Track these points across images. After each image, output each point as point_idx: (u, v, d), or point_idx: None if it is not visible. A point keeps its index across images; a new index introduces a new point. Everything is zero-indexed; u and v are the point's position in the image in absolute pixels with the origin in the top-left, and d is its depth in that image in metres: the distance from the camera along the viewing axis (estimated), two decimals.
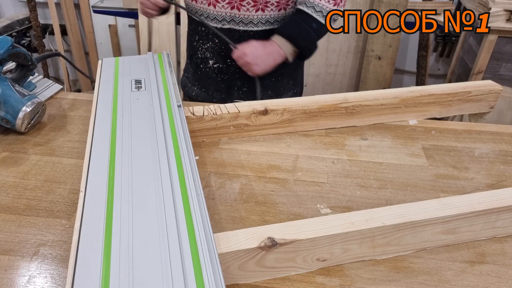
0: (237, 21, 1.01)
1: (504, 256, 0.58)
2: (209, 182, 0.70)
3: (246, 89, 1.12)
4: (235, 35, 1.02)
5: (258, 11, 1.00)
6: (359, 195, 0.68)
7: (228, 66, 1.08)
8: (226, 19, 1.01)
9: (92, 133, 0.66)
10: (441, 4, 2.07)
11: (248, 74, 1.03)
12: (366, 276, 0.54)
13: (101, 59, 0.92)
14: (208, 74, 1.12)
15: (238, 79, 1.10)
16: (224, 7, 0.99)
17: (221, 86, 1.12)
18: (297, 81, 1.20)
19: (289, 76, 1.15)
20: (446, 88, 0.87)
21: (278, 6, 1.01)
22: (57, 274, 0.54)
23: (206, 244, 0.45)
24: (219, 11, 1.00)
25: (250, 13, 1.00)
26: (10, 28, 2.47)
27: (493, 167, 0.76)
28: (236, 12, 1.00)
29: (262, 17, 1.01)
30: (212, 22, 1.03)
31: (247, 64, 0.98)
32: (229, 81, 1.11)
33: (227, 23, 1.02)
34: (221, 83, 1.11)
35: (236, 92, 1.12)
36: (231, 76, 1.10)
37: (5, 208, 0.64)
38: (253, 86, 1.10)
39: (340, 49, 2.19)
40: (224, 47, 1.05)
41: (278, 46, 0.98)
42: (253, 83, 1.09)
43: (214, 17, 1.02)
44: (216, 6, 1.00)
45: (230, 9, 0.99)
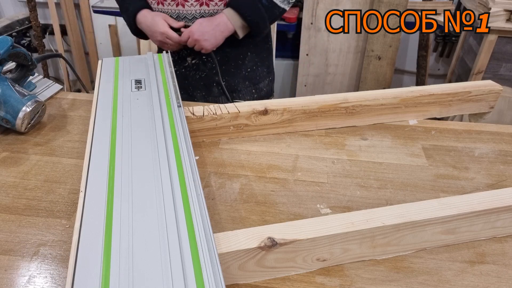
0: (190, 17, 1.03)
1: (504, 256, 0.58)
2: (209, 182, 0.70)
3: (225, 83, 1.13)
4: None
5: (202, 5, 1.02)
6: (359, 195, 0.68)
7: (204, 62, 1.09)
8: (196, 16, 1.03)
9: (92, 133, 0.66)
10: (441, 4, 2.08)
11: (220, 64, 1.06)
12: (366, 276, 0.54)
13: (101, 59, 0.92)
14: (186, 74, 1.13)
15: (215, 74, 1.11)
16: (194, 5, 1.01)
17: (200, 84, 1.13)
18: (270, 68, 1.22)
19: (263, 64, 1.17)
20: (446, 88, 0.87)
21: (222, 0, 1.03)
22: (57, 274, 0.54)
23: (206, 244, 0.45)
24: (189, 10, 1.02)
25: (219, 7, 1.02)
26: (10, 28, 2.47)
27: (493, 167, 0.76)
28: (205, 8, 1.02)
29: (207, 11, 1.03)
30: (183, 21, 1.04)
31: (196, 42, 0.99)
32: (208, 78, 1.12)
33: (181, 19, 1.04)
34: (200, 80, 1.12)
35: (215, 88, 1.13)
36: (208, 72, 1.11)
37: (5, 208, 0.64)
38: (231, 79, 1.13)
39: (340, 49, 2.19)
40: None
41: (226, 17, 1.00)
42: (230, 75, 1.12)
43: (185, 16, 1.04)
44: (185, 6, 1.02)
45: (199, 6, 1.01)
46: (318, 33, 2.15)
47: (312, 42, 2.18)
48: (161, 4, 1.04)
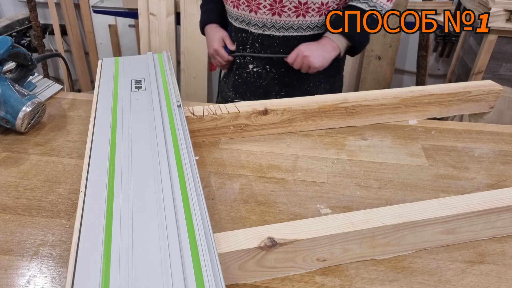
0: (277, 27, 1.02)
1: (504, 256, 0.58)
2: (209, 182, 0.70)
3: (284, 94, 1.12)
4: (275, 41, 1.03)
5: (299, 16, 1.00)
6: (359, 195, 0.68)
7: (267, 71, 1.09)
8: (266, 25, 1.02)
9: (92, 133, 0.66)
10: (441, 4, 2.07)
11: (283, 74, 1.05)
12: (366, 276, 0.54)
13: (101, 59, 0.92)
14: (246, 79, 1.12)
15: (276, 84, 1.10)
16: (266, 14, 1.00)
17: (259, 91, 1.12)
18: (335, 86, 1.18)
19: (327, 81, 1.14)
20: (446, 88, 0.87)
21: (319, 11, 1.01)
22: (57, 274, 0.54)
23: (206, 244, 0.45)
24: (260, 18, 1.01)
25: (291, 18, 1.00)
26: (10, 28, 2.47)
27: (493, 167, 0.76)
28: (277, 18, 1.00)
29: (302, 22, 1.01)
30: (253, 28, 1.04)
31: (304, 58, 0.98)
32: (267, 86, 1.11)
33: (267, 29, 1.02)
34: (259, 88, 1.11)
35: (274, 97, 1.11)
36: (270, 81, 1.10)
37: (5, 208, 0.64)
38: (290, 91, 1.11)
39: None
40: (264, 51, 1.06)
41: (331, 39, 0.99)
42: (291, 87, 1.11)
43: (255, 23, 1.03)
44: (257, 13, 1.01)
45: (271, 15, 1.00)
46: None
47: None
48: (235, 7, 1.04)
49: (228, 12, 1.10)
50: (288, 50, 1.03)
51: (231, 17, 1.09)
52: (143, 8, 2.06)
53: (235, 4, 1.03)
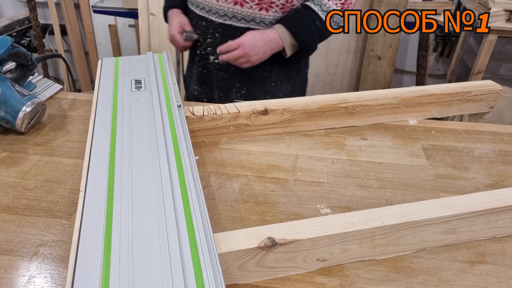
0: (239, 18, 1.00)
1: (504, 256, 0.58)
2: (209, 182, 0.70)
3: (245, 92, 1.11)
4: (236, 32, 1.02)
5: (261, 10, 0.99)
6: (359, 195, 0.68)
7: (228, 64, 1.07)
8: (228, 14, 1.00)
9: (92, 133, 0.66)
10: (441, 4, 2.08)
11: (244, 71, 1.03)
12: (366, 276, 0.54)
13: (101, 59, 0.92)
14: (210, 71, 1.11)
15: (237, 80, 1.09)
16: (227, 2, 0.99)
17: (220, 84, 1.11)
18: (295, 87, 1.18)
19: (288, 82, 1.14)
20: (446, 88, 0.87)
21: (283, 8, 1.00)
22: (57, 274, 0.54)
23: (206, 244, 0.45)
24: (222, 6, 1.00)
25: (253, 11, 0.99)
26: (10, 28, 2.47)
27: (493, 167, 0.76)
28: (238, 8, 0.99)
29: (265, 17, 1.00)
30: (214, 17, 1.02)
31: (244, 54, 0.97)
32: (228, 80, 1.10)
33: (228, 19, 1.01)
34: (221, 81, 1.11)
35: (234, 93, 1.12)
36: (230, 76, 1.09)
37: (5, 208, 0.64)
38: (252, 89, 1.10)
39: (340, 49, 2.19)
40: (225, 41, 1.03)
41: (278, 35, 0.98)
42: (252, 86, 1.09)
43: (216, 11, 1.01)
44: (218, 0, 0.99)
45: (233, 5, 0.99)
46: None
47: None
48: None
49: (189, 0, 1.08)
50: None
51: (192, 3, 1.07)
52: (143, 8, 2.06)
53: None
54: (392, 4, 1.96)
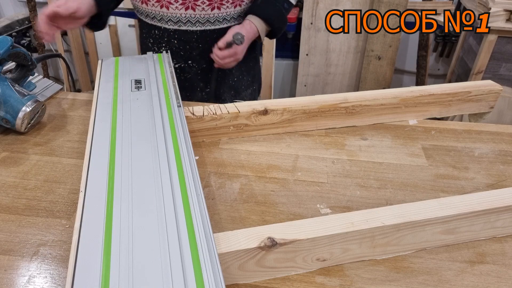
0: (193, 22, 1.00)
1: (504, 256, 0.58)
2: (209, 182, 0.70)
3: (209, 90, 1.11)
4: (193, 36, 1.02)
5: (214, 9, 0.99)
6: (359, 195, 0.68)
7: (190, 66, 1.07)
8: (182, 20, 1.00)
9: (92, 133, 0.66)
10: (441, 4, 2.08)
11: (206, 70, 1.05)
12: (366, 276, 0.54)
13: (101, 59, 0.92)
14: None
15: (200, 80, 1.09)
16: (178, 8, 0.98)
17: (184, 85, 1.11)
18: (255, 77, 1.20)
19: (248, 74, 1.16)
20: (446, 88, 0.87)
21: (233, 3, 1.00)
22: (57, 274, 0.54)
23: (206, 244, 0.45)
24: (174, 13, 0.99)
25: (206, 12, 0.99)
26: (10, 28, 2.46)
27: (493, 167, 0.76)
28: (191, 12, 0.98)
29: (218, 15, 1.00)
30: (167, 24, 1.01)
31: (235, 54, 0.97)
32: (191, 81, 1.10)
33: (183, 25, 1.00)
34: (185, 81, 1.10)
35: (199, 93, 1.12)
36: (193, 76, 1.09)
37: (5, 208, 0.64)
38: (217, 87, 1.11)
39: (340, 49, 2.19)
40: (183, 47, 1.04)
41: (255, 26, 1.00)
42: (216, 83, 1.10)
43: (169, 19, 1.00)
44: (169, 8, 0.98)
45: (184, 10, 0.98)
46: (318, 33, 2.15)
47: (312, 42, 2.18)
48: (144, 3, 1.01)
49: (136, 8, 1.06)
50: (207, 45, 1.01)
51: (141, 13, 1.05)
52: None
53: (143, 0, 1.00)
54: (392, 4, 1.96)
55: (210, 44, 1.01)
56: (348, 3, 2.04)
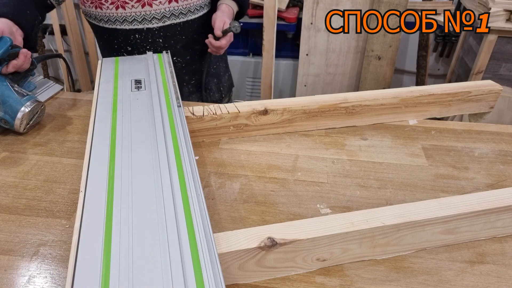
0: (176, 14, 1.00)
1: (504, 256, 0.58)
2: (209, 182, 0.70)
3: (194, 82, 1.13)
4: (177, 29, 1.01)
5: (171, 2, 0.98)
6: (359, 195, 0.68)
7: (175, 62, 1.06)
8: (166, 15, 0.99)
9: (92, 133, 0.66)
10: (441, 4, 2.08)
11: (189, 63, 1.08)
12: (366, 276, 0.54)
13: (101, 59, 0.92)
14: None
15: (185, 74, 1.10)
16: (162, 3, 0.96)
17: None
18: (226, 63, 1.25)
19: (222, 59, 1.21)
20: (446, 88, 0.87)
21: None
22: (57, 274, 0.54)
23: (206, 244, 0.45)
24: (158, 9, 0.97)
25: (188, 1, 1.00)
26: None
27: (493, 167, 0.76)
28: (174, 4, 0.98)
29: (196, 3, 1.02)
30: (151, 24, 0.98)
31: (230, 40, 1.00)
32: (178, 76, 1.06)
33: (167, 19, 0.99)
34: None
35: (185, 87, 1.12)
36: (178, 72, 1.07)
37: (5, 208, 0.64)
38: (199, 77, 1.13)
39: (340, 49, 2.19)
40: (168, 44, 1.02)
41: (232, 8, 1.05)
42: (199, 73, 1.12)
43: (153, 16, 0.98)
44: (152, 5, 0.96)
45: (168, 4, 0.97)
46: (318, 33, 2.15)
47: (312, 42, 2.18)
48: (121, 8, 0.95)
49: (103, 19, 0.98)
50: (190, 35, 1.04)
51: (114, 21, 0.98)
52: None
53: (121, 5, 0.95)
54: (392, 4, 1.96)
55: (193, 33, 1.03)
56: (348, 3, 2.04)
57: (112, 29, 0.99)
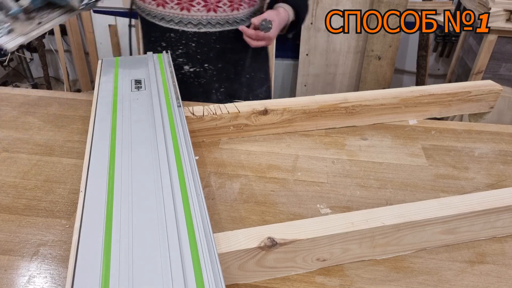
0: (213, 23, 1.00)
1: (504, 256, 0.58)
2: (209, 182, 0.70)
3: (223, 90, 1.11)
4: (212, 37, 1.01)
5: (234, 10, 0.99)
6: (359, 195, 0.68)
7: (205, 69, 1.06)
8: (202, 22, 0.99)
9: (92, 133, 0.66)
10: (441, 4, 2.08)
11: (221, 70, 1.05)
12: (366, 276, 0.54)
13: (101, 59, 0.92)
14: (183, 80, 1.08)
15: (216, 81, 1.08)
16: (200, 11, 0.97)
17: (198, 91, 1.09)
18: (267, 75, 1.21)
19: (261, 70, 1.16)
20: (446, 88, 0.87)
21: (249, 3, 1.02)
22: (57, 274, 0.54)
23: (206, 244, 0.45)
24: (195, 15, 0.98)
25: (226, 14, 0.99)
26: None
27: (493, 167, 0.76)
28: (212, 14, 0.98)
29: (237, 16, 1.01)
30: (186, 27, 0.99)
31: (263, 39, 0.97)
32: (207, 85, 1.08)
33: (203, 27, 1.00)
34: (199, 87, 1.08)
35: (214, 94, 1.11)
36: (208, 79, 1.07)
37: (5, 208, 0.64)
38: (230, 85, 1.10)
39: (340, 49, 2.19)
40: (201, 50, 1.02)
41: (287, 12, 1.01)
42: (229, 81, 1.10)
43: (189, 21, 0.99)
44: (190, 10, 0.97)
45: (206, 12, 0.98)
46: (318, 33, 2.15)
47: (312, 42, 2.18)
48: (161, 6, 0.98)
49: (146, 11, 1.03)
50: (224, 45, 1.02)
51: (153, 16, 1.01)
52: None
53: (161, 3, 0.98)
54: (392, 4, 1.96)
55: (228, 43, 1.01)
56: (348, 3, 2.04)
57: (151, 23, 1.03)
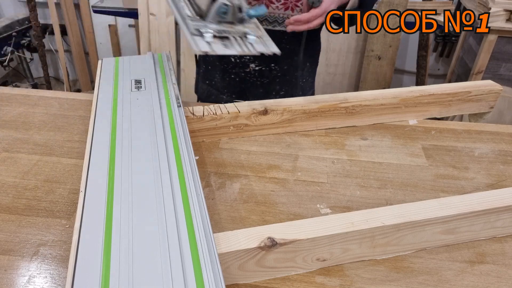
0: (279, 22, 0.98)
1: (504, 256, 0.58)
2: (209, 182, 0.70)
3: (283, 93, 1.09)
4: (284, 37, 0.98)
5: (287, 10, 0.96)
6: (359, 195, 0.68)
7: (271, 69, 1.04)
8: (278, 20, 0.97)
9: (92, 133, 0.66)
10: (441, 4, 2.07)
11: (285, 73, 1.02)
12: (366, 276, 0.54)
13: (101, 59, 0.92)
14: (245, 79, 1.06)
15: (278, 83, 1.07)
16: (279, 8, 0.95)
17: (258, 91, 1.07)
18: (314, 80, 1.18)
19: (310, 76, 1.13)
20: (446, 88, 0.87)
21: None
22: (57, 274, 0.54)
23: (206, 244, 0.45)
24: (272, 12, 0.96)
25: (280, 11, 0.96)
26: (10, 28, 2.46)
27: (493, 167, 0.76)
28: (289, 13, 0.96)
29: None
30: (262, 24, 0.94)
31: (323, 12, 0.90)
32: (268, 85, 1.07)
33: (278, 25, 0.98)
34: (259, 87, 1.07)
35: (273, 97, 1.07)
36: (271, 80, 1.06)
37: (5, 208, 0.64)
38: (289, 89, 1.08)
39: (340, 49, 2.19)
40: None
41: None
42: (290, 85, 1.07)
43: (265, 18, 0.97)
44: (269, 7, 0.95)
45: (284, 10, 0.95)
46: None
47: None
48: None
49: None
50: (295, 46, 1.00)
51: None
52: (143, 8, 2.06)
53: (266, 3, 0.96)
54: (392, 4, 1.96)
55: (299, 45, 0.98)
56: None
57: None
